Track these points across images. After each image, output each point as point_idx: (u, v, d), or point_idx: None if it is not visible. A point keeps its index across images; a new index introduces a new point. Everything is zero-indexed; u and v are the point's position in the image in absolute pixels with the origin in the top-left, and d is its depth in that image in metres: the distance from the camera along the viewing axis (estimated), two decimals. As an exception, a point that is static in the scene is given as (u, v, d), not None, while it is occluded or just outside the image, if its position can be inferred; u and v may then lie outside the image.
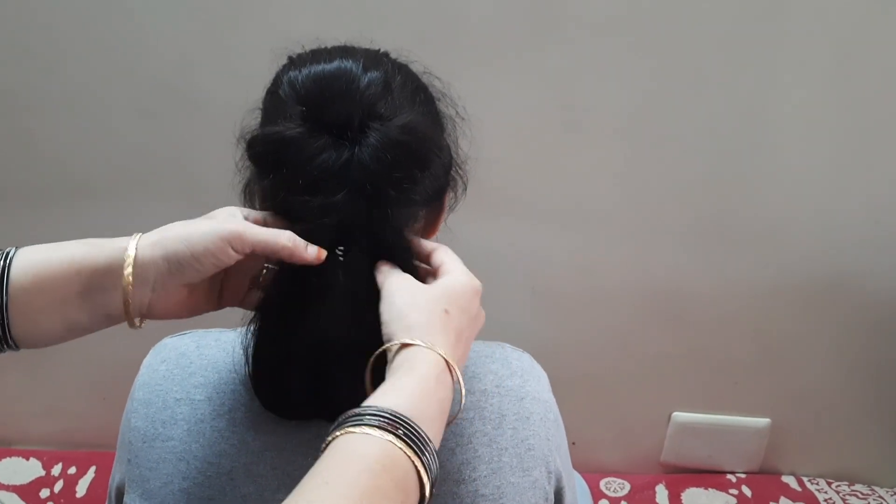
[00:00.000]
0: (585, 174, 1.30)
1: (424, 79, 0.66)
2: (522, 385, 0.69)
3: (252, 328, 0.62)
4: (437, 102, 0.67)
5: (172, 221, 1.34)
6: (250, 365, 0.62)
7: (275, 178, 0.58)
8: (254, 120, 0.66)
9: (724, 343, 1.45)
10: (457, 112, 0.68)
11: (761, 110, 1.26)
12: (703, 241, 1.36)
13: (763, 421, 1.52)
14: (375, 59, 0.62)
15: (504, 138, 1.24)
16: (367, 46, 0.66)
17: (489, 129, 0.71)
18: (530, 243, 1.35)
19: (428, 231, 0.68)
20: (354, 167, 0.57)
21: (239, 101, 1.21)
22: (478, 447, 0.64)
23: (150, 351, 0.71)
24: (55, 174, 1.32)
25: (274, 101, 0.62)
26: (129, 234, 0.57)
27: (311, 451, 0.62)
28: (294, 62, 0.63)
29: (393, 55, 0.66)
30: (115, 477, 0.69)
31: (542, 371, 0.73)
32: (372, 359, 0.55)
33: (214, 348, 0.68)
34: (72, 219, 1.35)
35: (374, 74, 0.60)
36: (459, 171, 0.68)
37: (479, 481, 0.63)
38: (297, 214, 0.59)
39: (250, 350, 0.62)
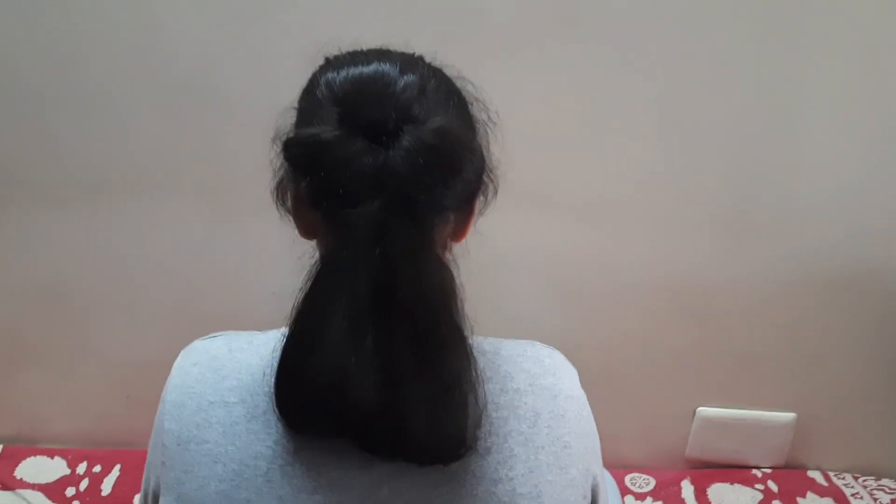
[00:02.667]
0: (608, 169, 1.29)
1: (458, 83, 0.66)
2: (556, 383, 0.69)
3: (282, 337, 0.61)
4: (469, 107, 0.66)
5: (192, 220, 1.34)
6: (274, 376, 0.61)
7: (311, 180, 0.58)
8: (289, 119, 0.66)
9: (749, 337, 1.44)
10: (489, 116, 0.68)
11: (786, 101, 1.24)
12: (727, 234, 1.34)
13: (789, 415, 1.50)
14: (411, 62, 0.63)
15: (525, 134, 1.22)
16: (403, 50, 0.66)
17: (510, 125, 0.71)
18: (553, 239, 1.35)
19: (458, 234, 0.68)
20: (388, 171, 0.56)
21: (260, 99, 1.21)
22: (514, 446, 0.64)
23: (181, 353, 0.71)
24: (76, 172, 1.33)
25: (310, 101, 0.62)
26: (147, 232, 0.57)
27: (346, 454, 0.62)
28: (331, 63, 0.64)
29: (427, 59, 0.66)
30: (150, 480, 0.69)
31: (572, 367, 0.73)
32: None
33: (247, 351, 0.68)
34: (92, 217, 1.35)
35: (410, 78, 0.60)
36: (491, 176, 0.67)
37: (516, 480, 0.63)
38: (333, 218, 0.58)
39: (276, 361, 0.61)
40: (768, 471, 1.54)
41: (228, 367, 0.66)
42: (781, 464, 1.55)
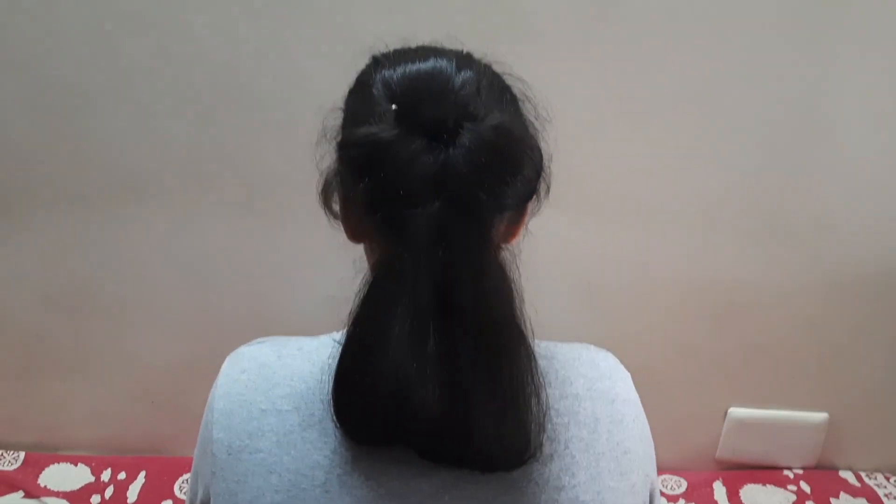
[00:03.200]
0: (641, 168, 1.27)
1: (507, 80, 0.65)
2: (612, 387, 0.68)
3: (339, 340, 0.60)
4: (521, 104, 0.65)
5: (219, 224, 1.31)
6: (332, 383, 0.60)
7: (369, 182, 0.56)
8: (334, 122, 0.64)
9: (781, 337, 1.42)
10: (537, 113, 0.66)
11: (820, 101, 1.22)
12: (759, 234, 1.32)
13: (821, 416, 1.48)
14: (465, 58, 0.62)
15: (559, 131, 1.21)
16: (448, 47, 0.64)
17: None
18: (585, 238, 1.33)
19: (509, 236, 0.66)
20: (449, 171, 0.55)
21: (291, 100, 1.19)
22: (575, 452, 0.63)
23: (227, 359, 0.70)
24: (102, 174, 1.30)
25: (363, 100, 0.61)
26: (172, 236, 0.55)
27: (405, 462, 0.60)
28: (383, 61, 0.62)
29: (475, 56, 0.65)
30: (198, 491, 0.67)
31: (625, 371, 0.72)
32: None
33: (298, 358, 0.66)
34: (118, 220, 1.33)
35: (467, 74, 0.58)
36: (544, 175, 0.66)
37: (578, 487, 0.62)
38: (391, 220, 0.57)
39: (333, 367, 0.59)
40: (800, 471, 1.52)
41: (280, 375, 0.65)
42: (813, 464, 1.54)
